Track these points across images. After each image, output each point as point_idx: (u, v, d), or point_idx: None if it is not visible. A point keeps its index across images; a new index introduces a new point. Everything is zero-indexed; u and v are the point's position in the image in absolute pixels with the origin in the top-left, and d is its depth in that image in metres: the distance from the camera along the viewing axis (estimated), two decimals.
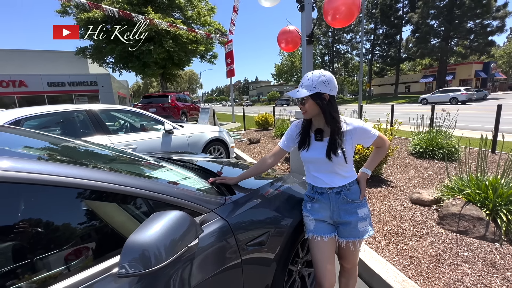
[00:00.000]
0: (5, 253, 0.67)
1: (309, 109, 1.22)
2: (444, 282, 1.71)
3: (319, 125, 1.28)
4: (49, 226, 0.75)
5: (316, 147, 1.27)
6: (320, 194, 1.32)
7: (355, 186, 1.31)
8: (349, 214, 1.29)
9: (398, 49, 39.28)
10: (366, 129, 1.26)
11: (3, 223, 0.68)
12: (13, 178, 0.66)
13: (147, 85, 69.58)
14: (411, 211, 2.65)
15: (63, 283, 0.69)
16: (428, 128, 5.43)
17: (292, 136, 1.40)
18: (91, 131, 3.18)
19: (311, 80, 1.18)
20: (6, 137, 1.18)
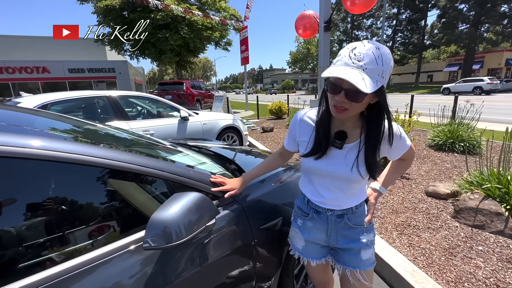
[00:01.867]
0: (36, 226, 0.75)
1: (358, 109, 0.80)
2: (455, 275, 1.70)
3: (343, 125, 0.90)
4: (76, 203, 0.82)
5: (333, 155, 0.91)
6: (316, 212, 1.02)
7: (362, 207, 1.00)
8: (350, 241, 0.99)
9: (422, 36, 37.15)
10: (404, 138, 0.90)
11: (34, 198, 0.75)
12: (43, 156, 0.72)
13: (162, 72, 70.40)
14: (426, 203, 2.61)
15: (90, 254, 0.76)
16: (450, 119, 5.22)
17: (293, 135, 1.04)
18: (111, 117, 3.31)
19: (381, 61, 0.71)
20: (36, 119, 1.27)
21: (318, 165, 0.94)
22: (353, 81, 0.68)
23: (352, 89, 0.72)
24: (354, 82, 0.68)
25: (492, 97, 17.74)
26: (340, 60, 0.76)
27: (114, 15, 15.21)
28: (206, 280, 0.96)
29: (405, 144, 0.92)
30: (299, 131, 1.00)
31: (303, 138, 0.99)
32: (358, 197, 0.99)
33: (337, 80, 0.76)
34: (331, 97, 0.81)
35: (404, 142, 0.91)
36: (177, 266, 0.88)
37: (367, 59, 0.71)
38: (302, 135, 0.99)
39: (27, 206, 0.73)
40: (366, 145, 0.87)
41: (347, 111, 0.79)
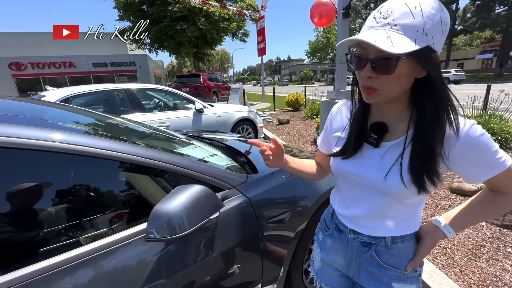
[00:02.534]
0: (58, 213, 0.78)
1: (393, 86, 0.55)
2: (478, 277, 1.60)
3: (383, 116, 0.65)
4: (89, 193, 0.84)
5: (366, 155, 0.67)
6: (338, 230, 0.79)
7: (406, 245, 0.69)
8: (376, 283, 0.72)
9: (453, 21, 34.51)
10: (487, 146, 0.56)
11: (54, 188, 0.78)
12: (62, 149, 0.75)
13: (181, 65, 71.51)
14: (449, 200, 2.46)
15: (101, 241, 0.78)
16: (481, 111, 4.84)
17: (327, 131, 0.81)
18: (129, 109, 3.41)
19: (419, 14, 0.48)
20: (58, 113, 1.32)
21: (346, 167, 0.70)
22: (370, 40, 0.49)
23: (379, 56, 0.52)
24: (371, 41, 0.49)
25: None
26: (364, 25, 0.56)
27: (134, 9, 15.56)
28: (211, 272, 0.97)
29: (492, 158, 0.56)
30: (332, 126, 0.79)
31: (336, 133, 0.77)
32: (400, 225, 0.68)
33: (361, 50, 0.56)
34: (358, 75, 0.60)
35: (486, 153, 0.56)
36: (181, 258, 0.89)
37: (396, 13, 0.50)
38: (335, 130, 0.77)
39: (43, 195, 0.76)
40: (413, 144, 0.59)
41: (378, 92, 0.56)
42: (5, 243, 0.69)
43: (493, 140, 0.56)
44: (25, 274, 0.66)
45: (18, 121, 0.91)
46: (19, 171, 0.74)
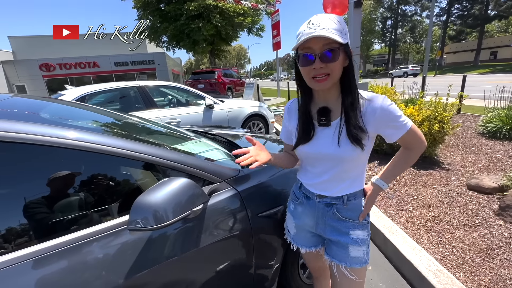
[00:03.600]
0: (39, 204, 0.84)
1: (337, 71, 0.76)
2: (490, 279, 1.50)
3: (326, 101, 0.86)
4: (74, 184, 0.89)
5: (322, 136, 0.86)
6: (306, 198, 0.99)
7: (357, 201, 0.92)
8: (338, 233, 0.93)
9: (485, 5, 31.91)
10: (394, 113, 0.79)
11: (37, 179, 0.84)
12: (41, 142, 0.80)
13: (198, 62, 72.51)
14: (465, 198, 2.32)
15: (82, 231, 0.83)
16: (510, 103, 4.49)
17: (286, 124, 1.01)
18: (142, 106, 3.53)
19: (339, 23, 0.73)
20: (52, 108, 1.40)
21: (309, 149, 0.89)
22: (323, 33, 0.70)
23: (325, 50, 0.73)
24: (325, 31, 0.70)
25: None
26: (301, 34, 0.75)
27: (152, 8, 15.91)
28: (196, 265, 0.99)
29: (399, 121, 0.80)
30: (288, 119, 0.99)
31: (292, 123, 0.97)
32: (350, 185, 0.90)
33: (307, 50, 0.76)
34: (307, 70, 0.78)
35: (395, 118, 0.80)
36: (165, 250, 0.91)
37: (325, 23, 0.72)
38: (291, 121, 0.98)
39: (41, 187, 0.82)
40: (346, 116, 0.81)
41: (329, 77, 0.77)
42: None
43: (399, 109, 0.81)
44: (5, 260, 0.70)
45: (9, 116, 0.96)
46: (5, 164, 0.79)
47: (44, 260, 0.75)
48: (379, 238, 2.00)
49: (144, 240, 0.88)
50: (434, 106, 3.14)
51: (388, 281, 1.70)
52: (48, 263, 0.75)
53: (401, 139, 0.83)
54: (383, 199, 2.48)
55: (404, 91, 6.11)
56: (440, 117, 3.03)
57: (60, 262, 0.77)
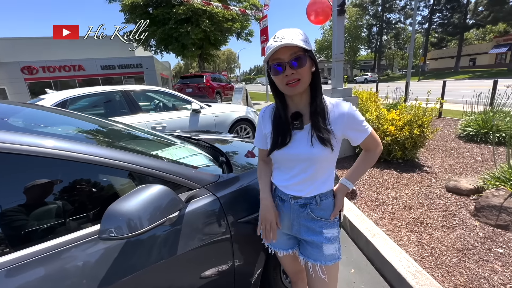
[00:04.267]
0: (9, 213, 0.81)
1: (307, 76, 0.84)
2: (466, 278, 1.55)
3: (297, 106, 0.93)
4: (45, 192, 0.86)
5: (297, 139, 0.92)
6: (281, 200, 1.03)
7: (328, 200, 0.98)
8: (312, 233, 0.98)
9: (464, 15, 33.49)
10: (357, 118, 0.90)
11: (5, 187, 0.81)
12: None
13: (188, 65, 72.14)
14: (444, 200, 2.40)
15: (53, 241, 0.80)
16: (486, 107, 4.70)
17: (261, 130, 1.04)
18: (127, 110, 3.47)
19: (300, 34, 0.82)
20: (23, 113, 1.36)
21: (285, 152, 0.94)
22: (289, 41, 0.78)
23: (293, 58, 0.81)
24: (290, 41, 0.78)
25: None
26: (269, 47, 0.82)
27: (140, 12, 15.78)
28: (174, 273, 0.97)
29: (361, 126, 0.91)
30: (263, 125, 1.02)
31: (267, 130, 1.00)
32: (322, 185, 0.96)
33: (277, 60, 0.83)
34: (280, 78, 0.85)
35: (358, 123, 0.91)
36: (140, 259, 0.90)
37: (288, 35, 0.80)
38: (266, 127, 1.01)
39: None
40: (313, 119, 0.89)
41: (300, 82, 0.84)
42: None
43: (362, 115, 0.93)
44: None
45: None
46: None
47: (20, 268, 0.73)
48: (362, 240, 2.03)
49: (119, 249, 0.87)
50: (414, 111, 3.25)
51: (370, 283, 1.73)
52: (23, 271, 0.73)
53: (363, 142, 0.94)
54: (367, 202, 2.53)
55: (388, 96, 6.28)
56: (420, 121, 3.14)
57: (36, 271, 0.75)
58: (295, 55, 0.81)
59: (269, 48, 0.82)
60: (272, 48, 0.80)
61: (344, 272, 1.82)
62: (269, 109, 1.02)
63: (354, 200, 2.58)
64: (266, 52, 0.83)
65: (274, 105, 1.00)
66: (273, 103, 1.00)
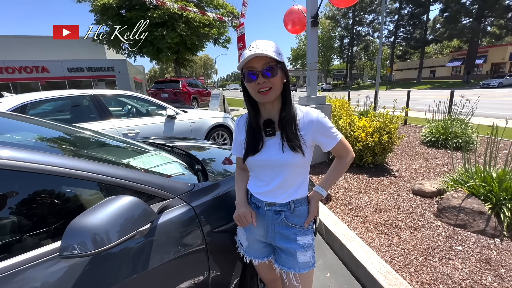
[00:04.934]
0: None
1: (278, 85, 0.88)
2: (431, 276, 1.65)
3: (269, 114, 0.96)
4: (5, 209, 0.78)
5: (269, 145, 0.95)
6: (256, 207, 1.04)
7: (302, 208, 1.00)
8: (286, 241, 0.99)
9: (424, 31, 36.60)
10: (326, 125, 0.94)
11: None
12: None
13: (163, 70, 70.33)
14: (410, 202, 2.55)
15: (10, 260, 0.73)
16: (445, 115, 5.13)
17: (237, 138, 1.06)
18: (96, 116, 3.28)
19: (273, 45, 0.86)
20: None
21: (258, 158, 0.96)
22: (263, 52, 0.81)
23: (265, 67, 0.84)
24: (264, 51, 0.81)
25: (495, 92, 17.56)
26: (243, 55, 0.86)
27: (112, 14, 15.17)
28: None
29: (331, 133, 0.95)
30: (239, 133, 1.05)
31: (242, 137, 1.03)
32: (296, 191, 0.98)
33: (250, 69, 0.86)
34: (252, 86, 0.88)
35: (327, 130, 0.95)
36: (108, 276, 0.84)
37: (262, 46, 0.85)
38: (241, 134, 1.04)
39: None
40: (283, 126, 0.92)
41: (272, 90, 0.87)
42: None
43: (335, 122, 1.07)
44: None
45: None
46: None
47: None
48: (337, 244, 2.08)
49: (83, 266, 0.80)
50: (383, 119, 3.45)
51: (345, 286, 1.77)
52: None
53: (334, 149, 0.98)
54: (341, 206, 2.61)
55: (359, 104, 6.62)
56: (388, 128, 3.34)
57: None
58: (268, 65, 0.85)
59: (243, 56, 0.86)
60: (245, 57, 0.83)
61: (320, 277, 1.85)
62: (244, 118, 1.05)
63: (329, 205, 2.65)
64: (241, 60, 0.86)
65: (249, 113, 1.01)
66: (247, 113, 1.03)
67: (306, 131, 0.93)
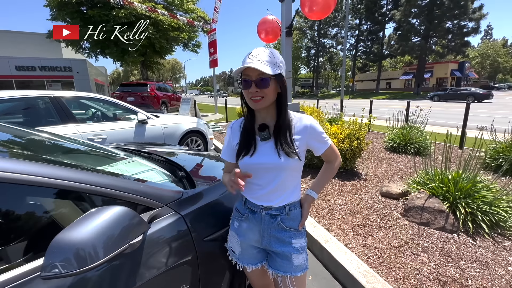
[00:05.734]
0: None
1: (270, 95, 0.91)
2: (403, 272, 1.78)
3: (264, 119, 0.99)
4: None
5: (264, 149, 0.97)
6: (252, 212, 1.04)
7: (296, 211, 1.03)
8: (282, 244, 1.01)
9: (381, 46, 40.17)
10: (318, 130, 0.99)
11: None
12: None
13: (127, 72, 66.67)
14: (380, 203, 2.74)
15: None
16: (403, 123, 5.64)
17: (230, 142, 1.08)
18: (56, 120, 2.99)
19: (273, 56, 0.89)
20: None
21: (253, 161, 0.98)
22: (256, 66, 0.84)
23: (259, 78, 0.88)
24: (257, 67, 0.84)
25: (442, 103, 19.80)
26: (242, 62, 0.90)
27: (70, 10, 14.05)
28: None
29: (322, 138, 1.00)
30: (232, 137, 1.07)
31: (235, 141, 1.05)
32: (290, 194, 1.02)
33: (246, 76, 0.90)
34: (246, 93, 0.92)
35: (319, 135, 1.00)
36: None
37: (261, 56, 0.88)
38: (234, 139, 1.06)
39: None
40: (279, 131, 0.96)
41: (263, 99, 0.91)
42: None
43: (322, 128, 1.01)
44: None
45: None
46: None
47: None
48: (316, 247, 2.14)
49: (67, 287, 0.71)
50: (352, 126, 3.68)
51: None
52: None
53: (324, 153, 1.03)
54: (317, 209, 2.70)
55: (327, 112, 6.97)
56: (357, 135, 3.56)
57: None
58: (261, 76, 0.88)
59: (243, 62, 0.89)
60: (241, 66, 0.88)
61: None
62: (238, 122, 1.08)
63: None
64: (240, 65, 0.90)
65: (243, 118, 1.06)
66: (243, 118, 1.06)
67: (301, 136, 0.98)
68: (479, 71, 49.54)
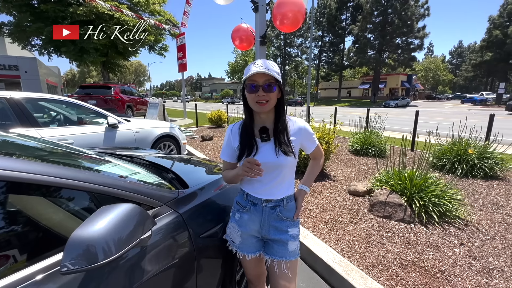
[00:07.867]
0: None
1: (274, 99, 1.03)
2: (372, 259, 2.00)
3: (264, 122, 1.10)
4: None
5: (264, 149, 1.08)
6: (253, 204, 1.15)
7: (292, 203, 1.17)
8: (279, 232, 1.13)
9: (341, 57, 43.24)
10: (310, 131, 1.15)
11: None
12: None
13: (84, 74, 61.76)
14: (349, 201, 3.00)
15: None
16: (364, 129, 6.18)
17: (230, 144, 1.17)
18: (14, 123, 2.73)
19: (275, 66, 1.02)
20: None
21: (258, 160, 1.04)
22: (267, 70, 0.97)
23: (266, 83, 1.00)
24: (267, 70, 0.97)
25: (395, 110, 21.91)
26: (249, 70, 1.01)
27: (19, 3, 12.71)
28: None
29: (312, 138, 1.17)
30: (233, 139, 1.16)
31: (236, 144, 1.14)
32: (287, 188, 1.16)
33: (253, 82, 1.01)
34: (252, 96, 1.03)
35: (311, 136, 1.16)
36: (110, 285, 0.78)
37: (265, 65, 1.00)
38: (235, 141, 1.15)
39: None
40: (278, 133, 1.08)
41: (268, 103, 1.02)
42: None
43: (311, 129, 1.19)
44: None
45: None
46: None
47: None
48: None
49: (78, 282, 0.73)
50: (322, 130, 3.96)
51: (306, 279, 1.96)
52: None
53: (313, 151, 1.20)
54: None
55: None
56: (327, 138, 3.85)
57: None
58: (268, 82, 1.00)
59: (248, 70, 1.01)
60: (251, 72, 0.98)
61: None
62: (237, 125, 1.18)
63: None
64: (245, 73, 1.02)
65: (241, 122, 1.17)
66: (241, 121, 1.18)
67: (296, 137, 1.12)
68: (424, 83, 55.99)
